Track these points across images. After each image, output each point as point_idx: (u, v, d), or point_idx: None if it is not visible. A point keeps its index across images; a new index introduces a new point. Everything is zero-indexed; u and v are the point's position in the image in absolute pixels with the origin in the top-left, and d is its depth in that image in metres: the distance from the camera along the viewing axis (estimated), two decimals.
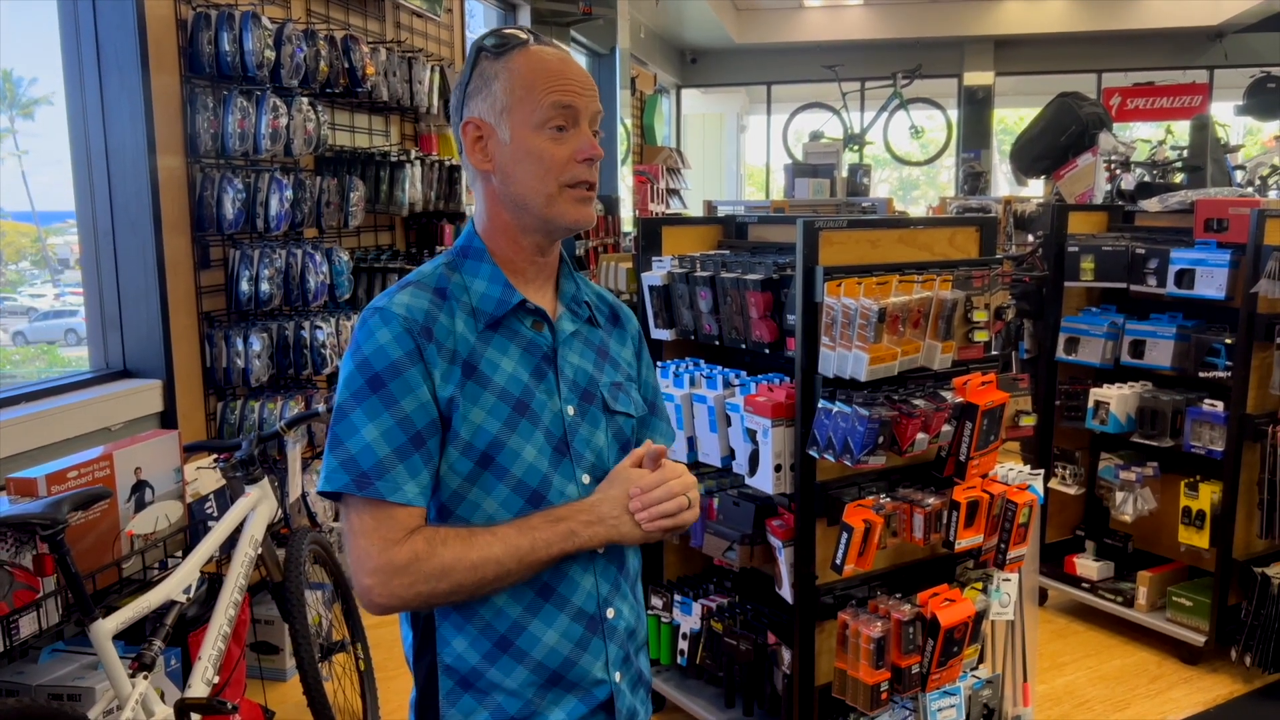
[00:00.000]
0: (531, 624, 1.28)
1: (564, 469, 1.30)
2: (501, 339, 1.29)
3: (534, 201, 1.28)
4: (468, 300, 1.29)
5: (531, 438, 1.27)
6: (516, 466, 1.26)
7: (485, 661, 1.28)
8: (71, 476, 2.36)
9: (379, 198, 4.39)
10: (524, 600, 1.27)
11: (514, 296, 1.30)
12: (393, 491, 1.20)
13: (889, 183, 19.85)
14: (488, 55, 1.28)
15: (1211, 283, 3.42)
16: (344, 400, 1.23)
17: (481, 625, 1.27)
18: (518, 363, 1.29)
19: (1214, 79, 12.70)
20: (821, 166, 8.02)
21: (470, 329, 1.27)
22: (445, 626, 1.29)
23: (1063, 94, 4.93)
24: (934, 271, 2.55)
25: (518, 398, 1.27)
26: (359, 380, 1.22)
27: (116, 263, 3.33)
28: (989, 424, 2.53)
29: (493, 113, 1.27)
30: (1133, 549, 3.95)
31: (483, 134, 1.29)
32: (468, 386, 1.25)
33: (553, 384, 1.31)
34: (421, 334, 1.23)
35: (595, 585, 1.32)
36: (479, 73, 1.29)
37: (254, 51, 3.41)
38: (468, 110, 1.30)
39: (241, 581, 2.59)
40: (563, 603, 1.29)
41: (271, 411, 3.56)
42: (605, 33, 9.42)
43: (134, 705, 2.18)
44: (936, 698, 2.56)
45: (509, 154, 1.27)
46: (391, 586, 1.20)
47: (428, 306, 1.25)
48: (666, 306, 3.04)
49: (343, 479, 1.21)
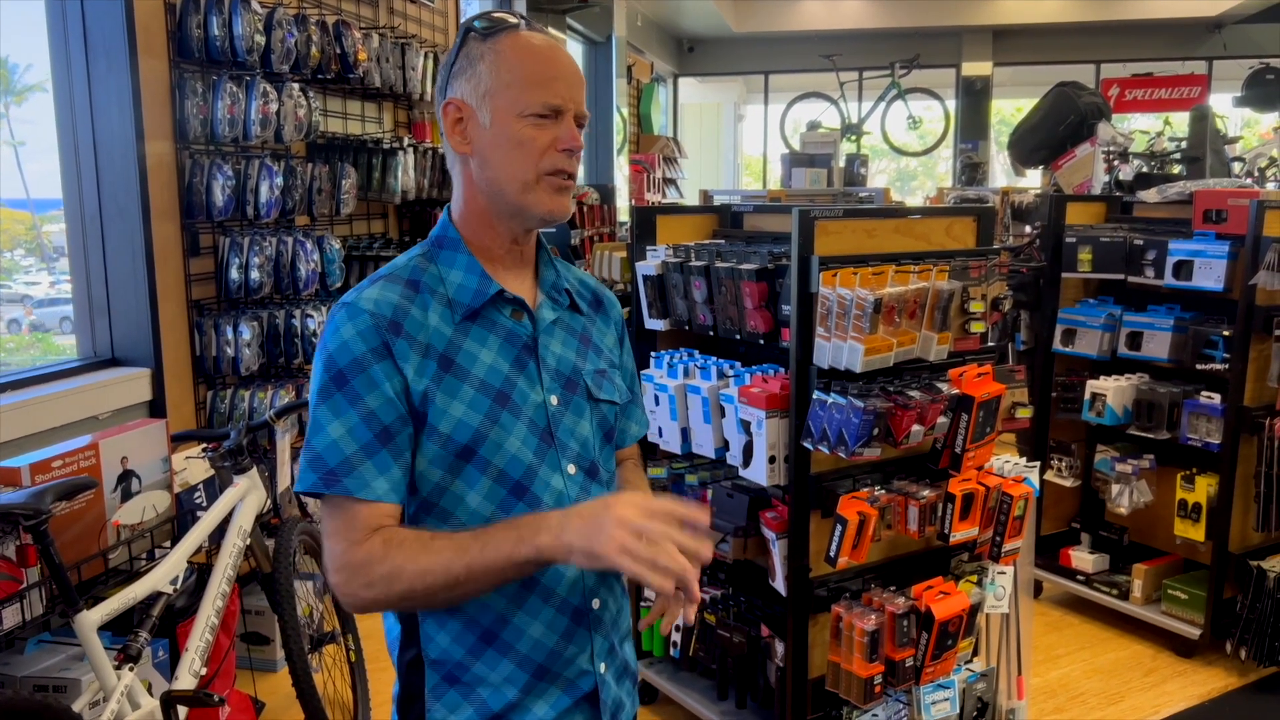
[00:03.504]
0: (516, 616, 1.26)
1: (549, 459, 1.28)
2: (480, 330, 1.26)
3: (510, 188, 1.25)
4: (443, 292, 1.26)
5: (514, 429, 1.25)
6: (498, 458, 1.24)
7: (470, 655, 1.26)
8: (56, 466, 2.33)
9: (371, 185, 4.36)
10: (508, 592, 1.25)
11: (491, 286, 1.27)
12: (360, 488, 1.18)
13: (887, 173, 19.83)
14: (476, 36, 1.25)
15: (1210, 274, 3.40)
16: (311, 398, 1.22)
17: (465, 619, 1.26)
18: (497, 353, 1.26)
19: (1213, 70, 12.65)
20: (819, 156, 7.99)
21: (446, 321, 1.25)
22: (429, 622, 1.27)
23: (1061, 84, 4.89)
24: (930, 262, 2.52)
25: (498, 389, 1.25)
26: (324, 377, 1.20)
27: (104, 250, 3.30)
28: (985, 416, 2.50)
29: (475, 95, 1.24)
30: (1128, 541, 3.94)
31: (463, 116, 1.26)
32: (445, 380, 1.22)
33: (534, 374, 1.29)
34: (389, 329, 1.20)
35: (580, 576, 1.30)
36: (465, 53, 1.26)
37: (244, 36, 3.37)
38: (450, 90, 1.27)
39: (230, 573, 2.57)
40: (548, 594, 1.27)
41: (262, 400, 3.54)
42: (602, 20, 9.36)
43: (119, 697, 2.16)
44: (930, 691, 2.55)
45: (489, 138, 1.24)
46: (353, 586, 1.18)
47: (398, 300, 1.23)
48: (660, 296, 3.01)
49: (310, 478, 1.19)
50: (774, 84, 14.38)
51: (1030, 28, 12.63)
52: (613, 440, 1.40)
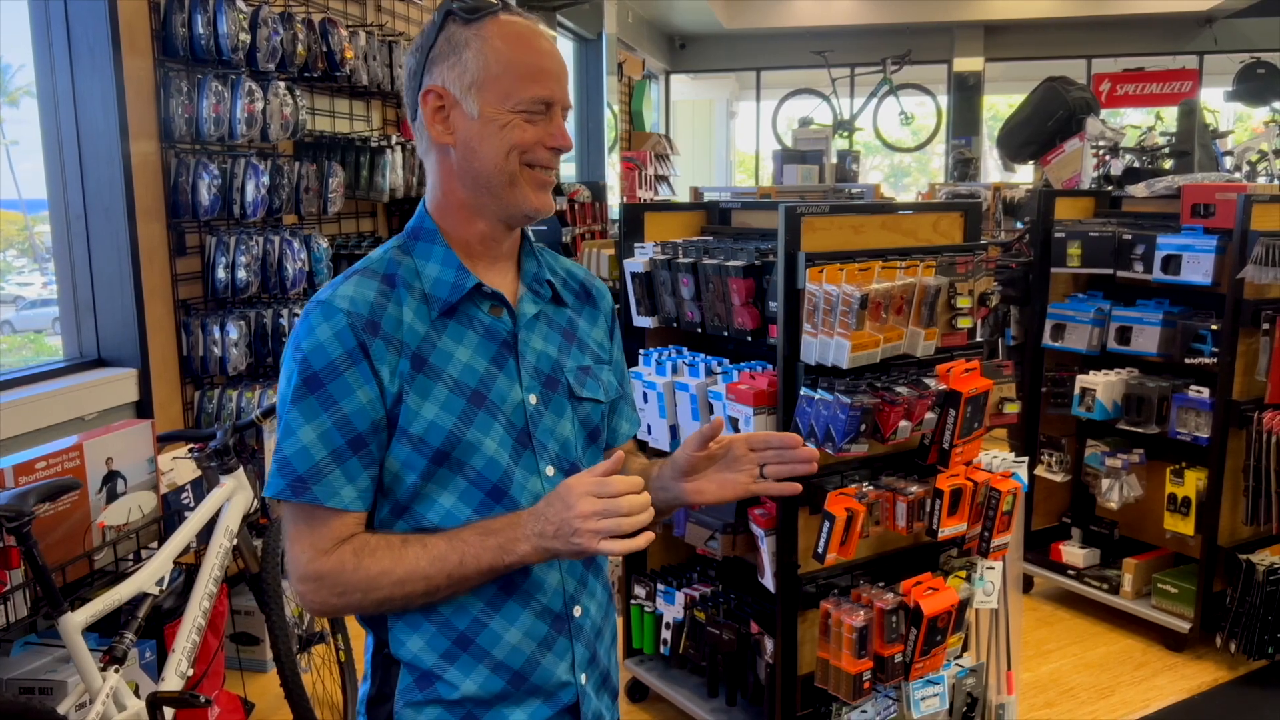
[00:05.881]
0: (493, 621, 1.22)
1: (526, 461, 1.24)
2: (457, 326, 1.22)
3: (496, 180, 1.21)
4: (420, 286, 1.22)
5: (490, 430, 1.21)
6: (475, 460, 1.20)
7: (443, 661, 1.22)
8: (40, 467, 2.31)
9: (359, 183, 4.34)
10: (485, 595, 1.22)
11: (468, 280, 1.23)
12: (329, 496, 1.15)
13: (881, 169, 19.82)
14: (457, 20, 1.20)
15: (1198, 268, 3.40)
16: (281, 400, 1.18)
17: (440, 622, 1.22)
18: (474, 351, 1.22)
19: (1204, 65, 12.68)
20: (810, 153, 7.99)
21: (422, 318, 1.21)
22: (399, 625, 1.23)
23: (1049, 79, 4.89)
24: (917, 257, 2.52)
25: (474, 389, 1.21)
26: (296, 379, 1.16)
27: (90, 250, 3.28)
28: (972, 411, 2.50)
29: (460, 84, 1.19)
30: (1118, 536, 3.94)
31: (444, 104, 1.21)
32: (418, 380, 1.18)
33: (514, 372, 1.25)
34: (366, 329, 1.17)
35: (562, 582, 1.26)
36: (446, 37, 1.20)
37: (228, 34, 3.35)
38: (430, 77, 1.21)
39: (216, 573, 2.56)
40: (526, 599, 1.24)
41: (249, 400, 3.52)
42: (592, 17, 9.34)
43: (105, 699, 2.15)
44: (920, 687, 2.54)
45: (475, 129, 1.20)
46: (320, 595, 1.16)
47: (374, 297, 1.19)
48: (648, 293, 3.00)
49: (279, 484, 1.16)
50: (766, 80, 14.37)
51: (1022, 23, 12.63)
52: (598, 441, 1.35)
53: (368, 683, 1.28)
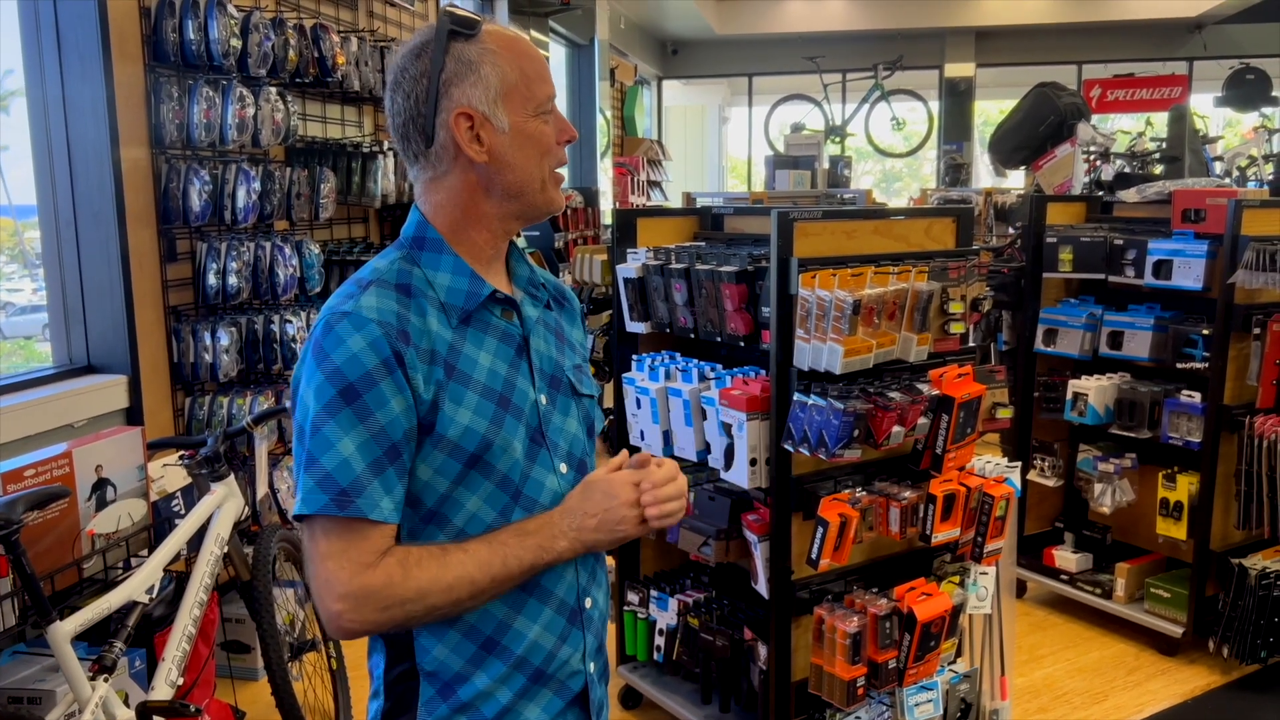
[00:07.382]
0: (517, 621, 1.24)
1: (542, 460, 1.27)
2: (476, 332, 1.24)
3: (531, 187, 1.25)
4: (434, 295, 1.22)
5: (516, 432, 1.24)
6: (502, 462, 1.22)
7: (470, 665, 1.23)
8: (28, 475, 2.30)
9: (351, 189, 4.33)
10: (509, 597, 1.23)
11: (484, 288, 1.25)
12: (372, 509, 1.13)
13: (872, 175, 19.87)
14: (461, 39, 1.21)
15: (1189, 273, 3.41)
16: (316, 414, 1.14)
17: (465, 628, 1.23)
18: (495, 355, 1.24)
19: (1193, 70, 12.75)
20: (802, 158, 8.03)
21: (444, 325, 1.21)
22: (424, 635, 1.23)
23: (1041, 84, 4.90)
24: (910, 263, 2.52)
25: (500, 392, 1.23)
26: (330, 391, 1.13)
27: (79, 256, 3.26)
28: (965, 416, 2.50)
29: (485, 100, 1.20)
30: (1111, 540, 3.94)
31: (475, 123, 1.21)
32: (450, 387, 1.19)
33: (527, 373, 1.28)
34: (399, 339, 1.16)
35: (576, 576, 1.30)
36: (456, 57, 1.20)
37: (219, 40, 3.34)
38: (453, 100, 1.20)
39: (207, 581, 2.54)
40: (546, 596, 1.26)
41: (241, 407, 3.50)
42: (584, 23, 9.35)
43: (94, 708, 2.13)
44: (913, 692, 2.54)
45: (508, 142, 1.22)
46: (363, 612, 1.13)
47: (397, 308, 1.18)
48: (641, 299, 3.00)
49: (321, 499, 1.12)
50: (758, 86, 14.41)
51: (1012, 29, 12.69)
52: (594, 435, 1.39)
53: (380, 700, 1.27)
